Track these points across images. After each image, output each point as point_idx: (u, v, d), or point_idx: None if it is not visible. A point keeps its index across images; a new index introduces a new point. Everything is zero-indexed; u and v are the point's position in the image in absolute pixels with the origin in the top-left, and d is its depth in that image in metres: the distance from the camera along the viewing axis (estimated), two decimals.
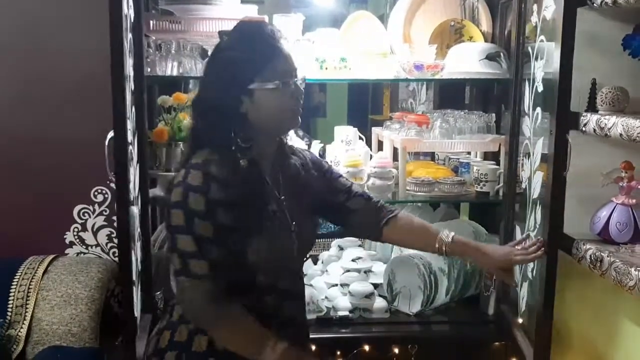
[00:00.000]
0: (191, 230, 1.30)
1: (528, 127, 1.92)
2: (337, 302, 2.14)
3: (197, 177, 1.32)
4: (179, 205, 1.31)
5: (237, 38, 1.41)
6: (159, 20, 2.03)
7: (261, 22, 1.50)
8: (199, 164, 1.34)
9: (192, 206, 1.30)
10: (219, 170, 1.33)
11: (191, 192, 1.31)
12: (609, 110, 1.70)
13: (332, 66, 2.04)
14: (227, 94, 1.36)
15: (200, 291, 1.30)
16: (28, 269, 2.23)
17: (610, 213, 1.76)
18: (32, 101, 2.30)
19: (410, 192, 2.16)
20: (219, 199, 1.31)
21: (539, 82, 1.84)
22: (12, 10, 2.25)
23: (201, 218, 1.30)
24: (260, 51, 1.37)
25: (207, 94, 1.40)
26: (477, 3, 2.29)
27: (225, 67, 1.38)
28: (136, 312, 1.84)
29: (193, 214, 1.30)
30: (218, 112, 1.37)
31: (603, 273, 1.67)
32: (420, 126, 2.20)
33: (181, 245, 1.30)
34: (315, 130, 4.45)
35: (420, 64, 2.02)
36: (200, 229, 1.30)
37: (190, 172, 1.33)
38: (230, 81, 1.36)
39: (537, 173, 1.84)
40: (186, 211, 1.30)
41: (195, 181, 1.31)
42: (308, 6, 2.69)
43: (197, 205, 1.30)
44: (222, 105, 1.37)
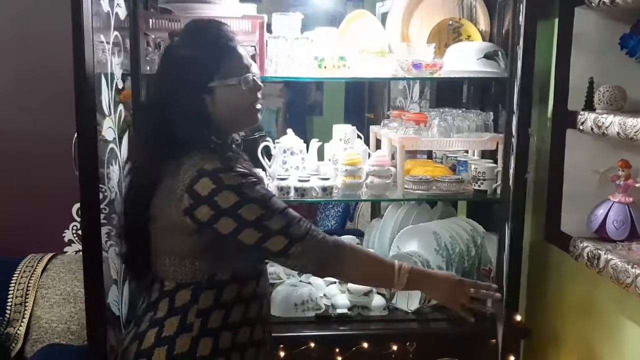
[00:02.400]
0: (272, 210, 1.35)
1: (514, 126, 1.93)
2: (336, 299, 2.15)
3: (234, 175, 1.34)
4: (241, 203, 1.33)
5: (192, 37, 1.43)
6: (158, 18, 2.03)
7: (213, 21, 1.51)
8: (220, 168, 1.34)
9: (255, 194, 1.35)
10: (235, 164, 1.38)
11: (241, 187, 1.33)
12: (606, 109, 1.72)
13: (331, 65, 2.05)
14: (191, 94, 1.38)
15: (315, 243, 1.38)
16: (27, 267, 2.24)
17: (607, 211, 1.78)
18: (31, 98, 2.30)
19: (409, 190, 2.17)
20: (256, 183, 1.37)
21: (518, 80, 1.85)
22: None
23: (269, 197, 1.37)
24: (215, 48, 1.40)
25: (167, 95, 1.40)
26: (475, 2, 2.30)
27: (183, 66, 1.39)
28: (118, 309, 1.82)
29: (263, 199, 1.35)
30: (187, 113, 1.38)
31: (600, 271, 1.68)
32: (418, 125, 2.21)
33: (275, 225, 1.35)
34: (312, 128, 4.44)
35: (419, 63, 2.02)
36: (276, 204, 1.37)
37: (219, 176, 1.33)
38: (191, 81, 1.38)
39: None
40: (256, 201, 1.34)
41: (235, 179, 1.34)
42: (306, 5, 2.68)
43: (256, 192, 1.35)
44: (189, 105, 1.38)
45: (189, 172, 1.34)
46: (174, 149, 1.38)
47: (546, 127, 2.01)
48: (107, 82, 1.68)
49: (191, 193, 1.33)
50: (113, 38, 1.73)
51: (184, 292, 1.40)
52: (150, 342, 1.39)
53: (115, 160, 1.77)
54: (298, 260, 1.37)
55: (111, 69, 1.72)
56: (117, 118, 1.78)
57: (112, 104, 1.72)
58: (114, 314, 1.77)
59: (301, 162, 2.22)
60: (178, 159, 1.36)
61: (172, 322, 1.39)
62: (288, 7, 2.96)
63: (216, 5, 1.99)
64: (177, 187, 1.34)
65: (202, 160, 1.35)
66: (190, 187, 1.33)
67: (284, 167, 2.20)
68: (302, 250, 1.36)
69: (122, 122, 1.80)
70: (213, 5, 1.99)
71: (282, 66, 2.04)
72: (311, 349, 1.98)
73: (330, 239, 1.42)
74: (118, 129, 1.77)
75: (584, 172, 1.89)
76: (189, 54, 1.39)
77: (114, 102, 1.73)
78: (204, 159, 1.35)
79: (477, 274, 2.26)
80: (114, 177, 1.76)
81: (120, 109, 1.79)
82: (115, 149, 1.76)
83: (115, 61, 1.75)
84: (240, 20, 1.99)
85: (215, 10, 2.00)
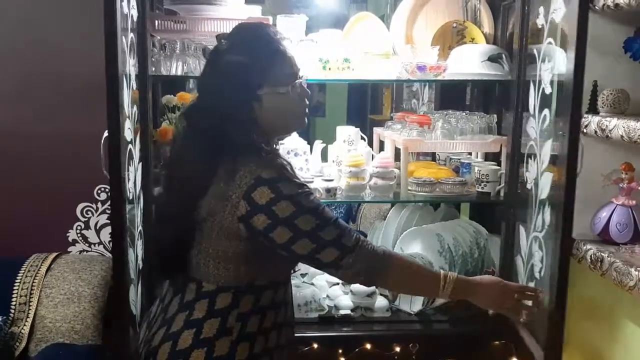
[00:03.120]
0: (325, 220, 1.35)
1: (534, 128, 1.92)
2: (339, 300, 2.15)
3: (291, 185, 1.34)
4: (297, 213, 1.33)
5: (240, 42, 1.39)
6: (164, 20, 2.04)
7: (262, 24, 1.50)
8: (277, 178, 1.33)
9: (310, 205, 1.34)
10: (291, 172, 1.38)
11: (298, 198, 1.33)
12: (610, 112, 1.72)
13: (336, 67, 2.06)
14: (238, 101, 1.36)
15: (364, 254, 1.38)
16: (31, 266, 2.25)
17: (611, 214, 1.78)
18: (35, 98, 2.31)
19: (412, 192, 2.17)
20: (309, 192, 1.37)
21: (546, 84, 1.84)
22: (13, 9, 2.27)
23: (323, 208, 1.37)
24: (266, 55, 1.38)
25: (218, 100, 1.37)
26: (479, 5, 2.31)
27: (231, 73, 1.36)
28: (135, 309, 1.85)
29: (317, 209, 1.35)
30: (238, 119, 1.36)
31: (604, 273, 1.69)
32: (422, 127, 2.21)
33: (328, 236, 1.34)
34: (314, 130, 4.44)
35: (423, 65, 2.03)
36: (328, 214, 1.36)
37: (278, 186, 1.32)
38: (239, 88, 1.36)
39: (546, 174, 1.85)
40: (312, 211, 1.34)
41: (292, 189, 1.33)
42: (309, 7, 2.69)
43: (311, 202, 1.35)
44: (240, 112, 1.37)
45: (246, 179, 1.32)
46: (228, 153, 1.36)
47: None
48: (127, 83, 1.70)
49: (248, 200, 1.32)
50: (130, 39, 1.75)
51: (225, 295, 1.39)
52: (188, 343, 1.36)
53: (132, 161, 1.78)
54: (349, 270, 1.37)
55: (128, 70, 1.73)
56: (134, 119, 1.80)
57: (130, 104, 1.74)
58: (132, 312, 1.79)
59: (305, 164, 2.23)
60: (233, 164, 1.35)
61: (211, 324, 1.37)
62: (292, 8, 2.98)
63: (221, 6, 2.00)
64: (233, 192, 1.33)
65: (258, 168, 1.33)
66: (247, 194, 1.32)
67: None
68: (353, 261, 1.36)
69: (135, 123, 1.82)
70: (218, 7, 2.00)
71: None
72: (314, 350, 1.99)
73: (380, 249, 1.42)
74: (134, 129, 1.79)
75: (587, 174, 1.89)
76: (234, 60, 1.36)
77: (131, 102, 1.75)
78: (260, 166, 1.33)
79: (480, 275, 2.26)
80: (131, 177, 1.77)
81: (134, 110, 1.81)
82: (132, 149, 1.78)
83: (131, 62, 1.77)
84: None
85: (221, 11, 2.01)
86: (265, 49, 1.38)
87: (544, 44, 1.84)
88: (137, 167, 1.86)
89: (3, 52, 2.30)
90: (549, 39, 1.81)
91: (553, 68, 1.78)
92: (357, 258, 1.37)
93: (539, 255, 1.89)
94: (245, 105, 1.37)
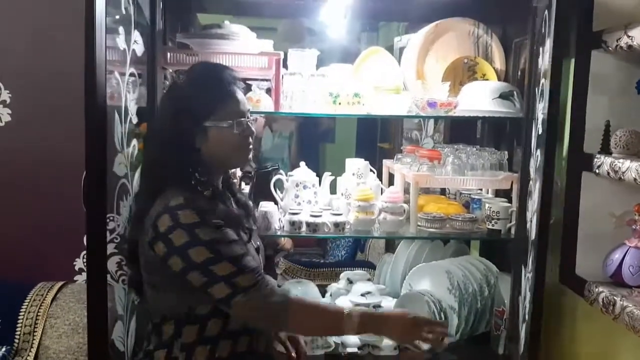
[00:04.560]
0: (221, 255, 1.36)
1: (532, 167, 1.92)
2: (346, 337, 2.12)
3: (191, 215, 1.36)
4: (191, 244, 1.35)
5: (195, 77, 1.50)
6: (175, 52, 2.05)
7: (219, 65, 1.60)
8: (182, 205, 1.37)
9: (205, 237, 1.36)
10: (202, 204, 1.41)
11: (195, 228, 1.36)
12: (623, 154, 1.71)
13: (346, 101, 2.05)
14: (184, 129, 1.44)
15: (260, 295, 1.38)
16: (37, 295, 2.24)
17: (623, 256, 1.75)
18: (45, 126, 2.32)
19: (421, 228, 2.15)
20: (216, 225, 1.39)
21: (539, 123, 1.85)
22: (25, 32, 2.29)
23: (226, 241, 1.38)
24: (217, 91, 1.47)
25: (163, 128, 1.47)
26: (490, 41, 2.30)
27: (182, 103, 1.46)
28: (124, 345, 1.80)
29: (214, 242, 1.36)
30: (176, 147, 1.44)
31: (616, 317, 1.65)
32: (432, 161, 2.20)
33: (220, 272, 1.35)
34: (324, 156, 4.46)
35: (434, 102, 2.03)
36: (228, 250, 1.38)
37: (177, 214, 1.36)
38: (186, 116, 1.44)
39: (536, 215, 1.84)
40: (206, 243, 1.36)
41: (190, 219, 1.36)
42: (321, 40, 2.70)
43: (209, 234, 1.36)
44: (180, 140, 1.44)
45: (158, 207, 1.39)
46: (159, 182, 1.44)
47: (561, 168, 2.00)
48: (120, 117, 1.69)
49: (154, 227, 1.38)
50: (129, 74, 1.75)
51: (168, 326, 1.44)
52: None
53: (127, 195, 1.77)
54: (240, 309, 1.37)
55: (125, 104, 1.73)
56: (130, 153, 1.79)
57: (124, 139, 1.73)
58: (119, 350, 1.76)
59: (313, 196, 2.22)
60: (159, 192, 1.42)
61: (159, 356, 1.44)
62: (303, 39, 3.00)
63: (233, 41, 2.01)
64: (148, 221, 1.40)
65: (171, 196, 1.39)
66: (154, 222, 1.38)
67: (296, 201, 2.20)
68: (245, 301, 1.36)
69: (135, 157, 1.81)
70: (230, 41, 2.01)
71: (297, 102, 2.05)
72: None
73: (280, 292, 1.43)
74: (130, 164, 1.78)
75: (599, 215, 1.87)
76: (188, 92, 1.47)
77: (127, 137, 1.74)
78: (174, 195, 1.39)
79: (490, 314, 2.23)
80: (125, 212, 1.76)
81: (133, 143, 1.80)
82: (126, 184, 1.76)
83: (130, 97, 1.77)
84: (257, 56, 2.01)
85: (233, 45, 2.02)
86: (217, 86, 1.47)
87: (540, 84, 1.84)
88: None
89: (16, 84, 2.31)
90: (543, 79, 1.81)
91: (544, 108, 1.78)
92: (251, 298, 1.37)
93: (529, 296, 1.87)
94: (189, 134, 1.44)
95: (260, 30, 2.18)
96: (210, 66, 1.59)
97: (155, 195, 1.43)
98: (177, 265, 1.36)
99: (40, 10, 2.29)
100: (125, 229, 1.72)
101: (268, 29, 2.25)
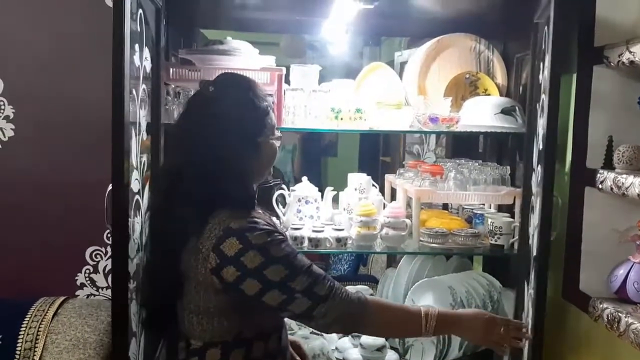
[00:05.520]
0: (296, 269, 1.34)
1: (534, 183, 1.91)
2: (348, 354, 2.11)
3: (260, 234, 1.33)
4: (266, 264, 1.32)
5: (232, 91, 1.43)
6: (178, 68, 2.06)
7: (244, 77, 1.53)
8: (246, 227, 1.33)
9: (280, 254, 1.33)
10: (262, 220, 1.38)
11: (267, 247, 1.32)
12: (626, 169, 1.70)
13: (348, 117, 2.06)
14: (240, 149, 1.39)
15: (338, 302, 1.35)
16: (38, 310, 2.22)
17: (628, 272, 1.73)
18: (47, 143, 2.33)
19: (424, 243, 2.14)
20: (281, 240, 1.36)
21: (540, 139, 1.84)
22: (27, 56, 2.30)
23: (294, 255, 1.35)
24: (263, 104, 1.44)
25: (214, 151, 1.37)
26: (492, 56, 2.31)
27: (232, 121, 1.38)
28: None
29: (288, 258, 1.34)
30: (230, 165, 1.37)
31: (621, 334, 1.63)
32: (434, 176, 2.20)
33: (299, 286, 1.33)
34: (326, 169, 4.46)
35: (436, 117, 2.03)
36: (300, 262, 1.35)
37: (246, 236, 1.32)
38: (241, 136, 1.39)
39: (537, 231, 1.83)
40: (281, 260, 1.33)
41: (260, 239, 1.32)
42: (323, 56, 2.72)
43: (281, 251, 1.34)
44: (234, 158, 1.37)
45: (215, 231, 1.33)
46: (209, 205, 1.37)
47: (564, 183, 1.99)
48: (135, 133, 1.70)
49: (218, 252, 1.32)
50: (141, 91, 1.76)
51: (213, 350, 1.38)
52: None
53: (139, 212, 1.77)
54: (322, 320, 1.35)
55: (139, 120, 1.74)
56: (142, 169, 1.80)
57: (139, 155, 1.74)
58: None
59: (316, 212, 2.22)
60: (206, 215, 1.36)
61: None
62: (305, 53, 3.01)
63: (236, 57, 2.02)
64: (204, 245, 1.33)
65: (228, 218, 1.34)
66: (217, 246, 1.32)
67: (299, 216, 2.20)
68: (326, 310, 1.34)
69: (143, 173, 1.82)
70: (232, 57, 2.02)
71: (299, 117, 2.05)
72: None
73: (354, 296, 1.40)
74: (142, 180, 1.78)
75: (602, 230, 1.86)
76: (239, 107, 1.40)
77: (140, 151, 1.75)
78: (230, 217, 1.34)
79: None
80: (137, 228, 1.75)
81: (144, 160, 1.81)
82: (139, 200, 1.77)
83: (142, 113, 1.78)
84: (259, 72, 2.01)
85: (235, 61, 2.03)
86: (261, 98, 1.44)
87: (541, 99, 1.84)
88: (144, 217, 1.84)
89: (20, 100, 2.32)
90: (543, 94, 1.81)
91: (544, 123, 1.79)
92: (331, 307, 1.35)
93: (532, 313, 1.85)
94: (245, 154, 1.40)
95: (263, 45, 2.19)
96: (242, 78, 1.51)
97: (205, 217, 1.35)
98: (253, 288, 1.32)
99: (50, 27, 2.29)
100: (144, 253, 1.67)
101: (270, 44, 2.26)
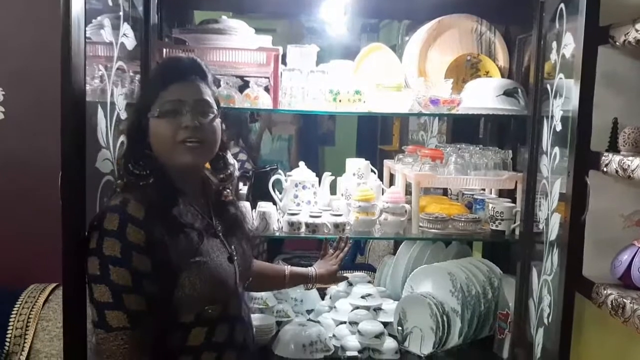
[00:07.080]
0: (107, 278, 1.23)
1: (546, 166, 1.87)
2: (346, 341, 2.07)
3: (110, 220, 1.26)
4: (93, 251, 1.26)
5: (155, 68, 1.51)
6: (171, 48, 2.00)
7: (184, 57, 1.47)
8: (116, 206, 1.28)
9: (106, 252, 1.24)
10: (135, 209, 1.28)
11: (106, 236, 1.24)
12: (632, 151, 1.65)
13: (346, 99, 2.01)
14: (135, 119, 1.40)
15: (116, 345, 1.21)
16: (29, 297, 2.18)
17: (632, 257, 1.69)
18: (39, 129, 2.27)
19: (423, 229, 2.10)
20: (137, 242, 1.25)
21: (557, 120, 1.79)
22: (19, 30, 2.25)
23: (116, 264, 1.23)
24: (161, 81, 1.38)
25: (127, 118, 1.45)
26: (493, 38, 2.26)
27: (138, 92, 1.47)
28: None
29: (107, 260, 1.23)
30: (130, 139, 1.41)
31: (626, 320, 1.59)
32: (434, 161, 2.15)
33: (96, 295, 1.23)
34: (323, 159, 4.42)
35: (437, 99, 1.98)
36: (114, 275, 1.23)
37: (104, 215, 1.28)
38: (138, 107, 1.41)
39: (555, 214, 1.79)
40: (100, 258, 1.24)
41: (110, 225, 1.25)
42: (321, 37, 2.65)
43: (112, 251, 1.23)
44: (133, 131, 1.40)
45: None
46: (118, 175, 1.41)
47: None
48: (104, 112, 1.63)
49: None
50: (116, 68, 1.69)
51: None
52: None
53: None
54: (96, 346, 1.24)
55: (111, 99, 1.67)
56: (116, 149, 1.72)
57: (110, 135, 1.67)
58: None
59: (313, 197, 2.17)
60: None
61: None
62: (303, 37, 2.94)
63: (232, 36, 1.96)
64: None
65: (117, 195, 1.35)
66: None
67: (296, 202, 2.15)
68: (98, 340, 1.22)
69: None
70: (227, 37, 1.96)
71: (296, 99, 2.00)
72: None
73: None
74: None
75: (607, 214, 1.82)
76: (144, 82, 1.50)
77: (113, 133, 1.68)
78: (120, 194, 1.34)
79: (494, 318, 2.17)
80: None
81: (121, 139, 1.74)
82: (112, 180, 1.70)
83: (117, 91, 1.71)
84: (255, 52, 1.96)
85: (230, 41, 1.97)
86: (165, 75, 1.40)
87: (556, 80, 1.79)
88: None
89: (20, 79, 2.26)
90: (560, 74, 1.76)
91: (564, 104, 1.73)
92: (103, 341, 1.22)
93: (547, 300, 1.82)
94: (140, 125, 1.38)
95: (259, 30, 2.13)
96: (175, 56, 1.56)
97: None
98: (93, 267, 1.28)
99: (35, 9, 2.24)
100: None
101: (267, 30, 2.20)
